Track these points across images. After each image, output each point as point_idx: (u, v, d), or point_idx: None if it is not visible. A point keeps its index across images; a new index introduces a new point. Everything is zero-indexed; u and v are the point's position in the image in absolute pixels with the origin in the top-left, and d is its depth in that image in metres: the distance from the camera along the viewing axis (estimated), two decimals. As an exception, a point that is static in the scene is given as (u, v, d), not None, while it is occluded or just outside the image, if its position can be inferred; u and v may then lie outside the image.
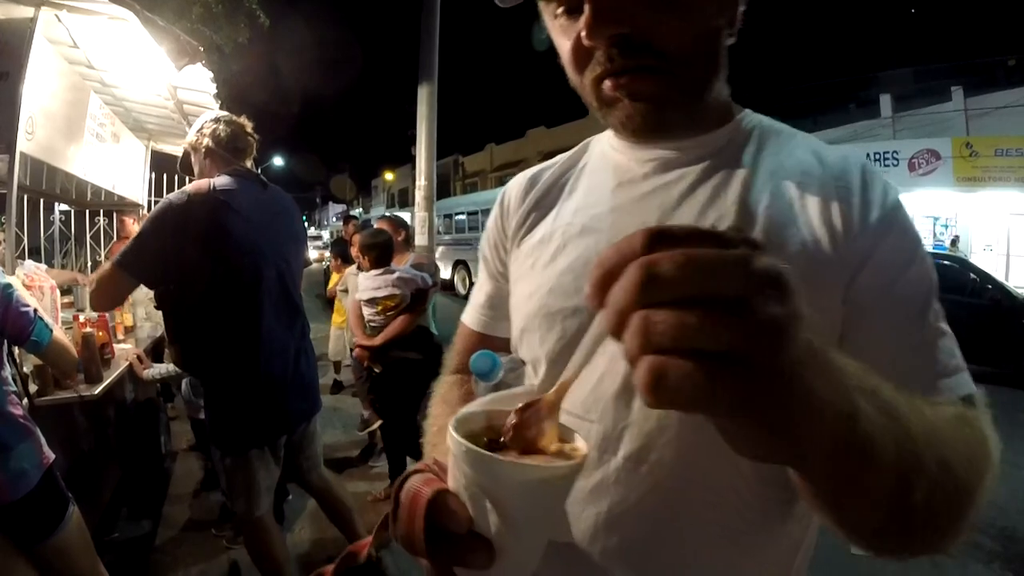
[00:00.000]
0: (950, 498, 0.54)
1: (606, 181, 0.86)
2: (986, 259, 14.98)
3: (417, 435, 0.96)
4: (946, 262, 9.73)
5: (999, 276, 9.35)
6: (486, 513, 0.51)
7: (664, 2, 0.68)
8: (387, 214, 7.96)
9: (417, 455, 3.80)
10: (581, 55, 0.73)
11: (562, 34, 0.75)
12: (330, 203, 72.49)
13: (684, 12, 0.69)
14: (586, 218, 0.84)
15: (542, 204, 0.93)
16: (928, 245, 12.08)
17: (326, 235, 45.09)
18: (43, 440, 2.13)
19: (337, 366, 7.08)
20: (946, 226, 17.51)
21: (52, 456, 2.15)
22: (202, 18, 8.90)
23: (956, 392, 0.68)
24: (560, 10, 0.74)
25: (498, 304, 0.98)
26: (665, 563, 0.74)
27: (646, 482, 0.73)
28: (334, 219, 64.53)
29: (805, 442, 0.41)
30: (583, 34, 0.69)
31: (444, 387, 0.99)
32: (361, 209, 57.98)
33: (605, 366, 0.75)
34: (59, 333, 2.19)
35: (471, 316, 1.03)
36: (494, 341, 0.99)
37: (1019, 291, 9.44)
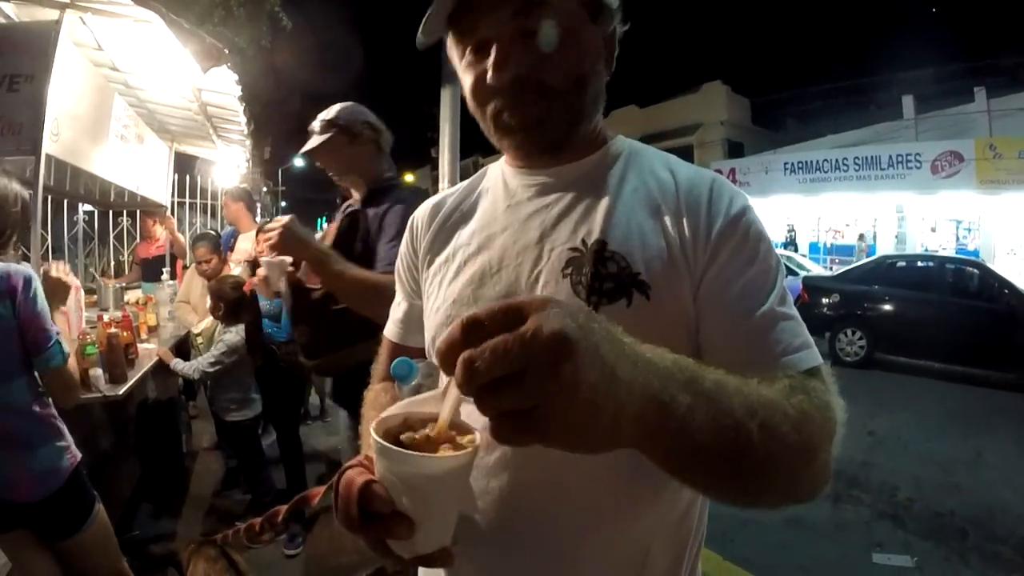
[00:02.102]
0: (782, 454, 0.66)
1: (498, 204, 0.99)
2: (1010, 263, 14.70)
3: None
4: (967, 267, 9.68)
5: (1022, 281, 9.14)
6: (400, 495, 0.65)
7: (548, 51, 0.84)
8: None
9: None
10: (484, 91, 0.89)
11: (468, 70, 0.90)
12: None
13: (570, 56, 0.86)
14: (481, 239, 0.97)
15: (445, 227, 1.05)
16: (951, 250, 12.02)
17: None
18: (71, 440, 2.16)
19: None
20: (969, 230, 17.25)
21: (79, 456, 2.17)
22: (224, 20, 8.95)
23: (797, 367, 0.78)
24: (469, 50, 0.89)
25: (411, 318, 1.11)
26: (561, 525, 0.85)
27: (535, 459, 0.82)
28: (353, 220, 64.58)
29: (624, 438, 0.56)
30: (488, 75, 0.85)
31: (372, 394, 1.10)
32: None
33: None
34: (72, 364, 2.15)
35: (390, 330, 1.16)
36: (410, 350, 1.09)
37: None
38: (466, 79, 0.92)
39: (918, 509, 4.56)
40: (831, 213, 20.33)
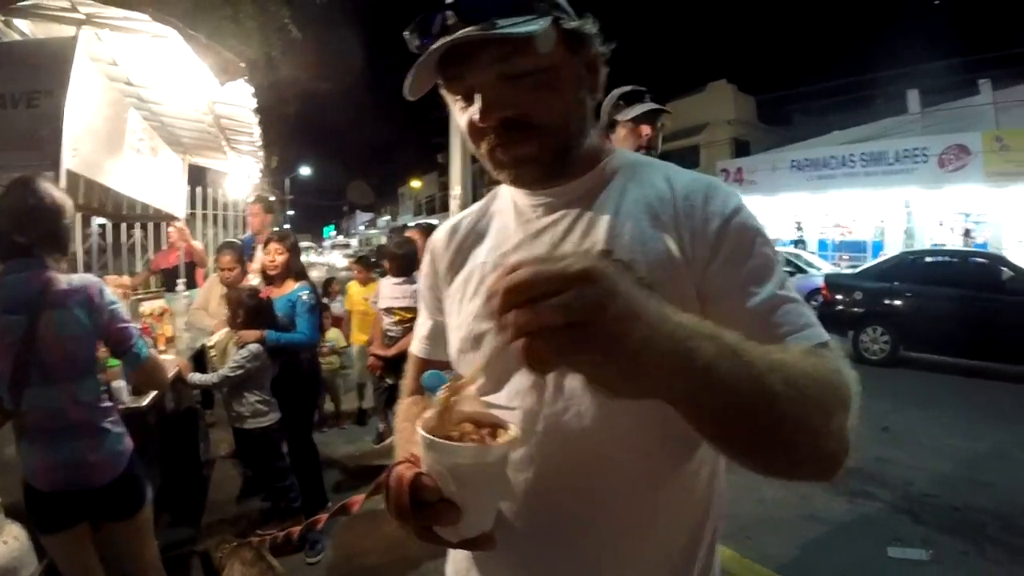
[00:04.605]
0: (805, 409, 0.70)
1: (510, 223, 1.07)
2: (1019, 255, 14.68)
3: None
4: (989, 261, 9.65)
5: None
6: (448, 484, 0.72)
7: (536, 88, 0.91)
8: (419, 223, 7.86)
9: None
10: (476, 132, 0.95)
11: (462, 113, 0.96)
12: (357, 211, 72.83)
13: (552, 93, 0.92)
14: (496, 256, 1.05)
15: (463, 248, 1.13)
16: (959, 243, 11.89)
17: (354, 243, 45.10)
18: (125, 428, 2.37)
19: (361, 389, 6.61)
20: (977, 223, 17.17)
21: (132, 443, 2.38)
22: (236, 34, 9.03)
23: (806, 342, 0.85)
24: (459, 98, 0.96)
25: (437, 335, 1.18)
26: (588, 511, 0.93)
27: (563, 449, 0.92)
28: (362, 227, 64.61)
29: (654, 376, 0.60)
30: (476, 118, 0.92)
31: (404, 407, 1.17)
32: (389, 216, 58.19)
33: None
34: (153, 351, 2.41)
35: (417, 347, 1.24)
36: (436, 365, 1.15)
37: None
38: (460, 121, 0.98)
39: (936, 504, 4.56)
40: (839, 210, 20.29)
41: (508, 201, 1.10)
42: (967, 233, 16.75)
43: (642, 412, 0.78)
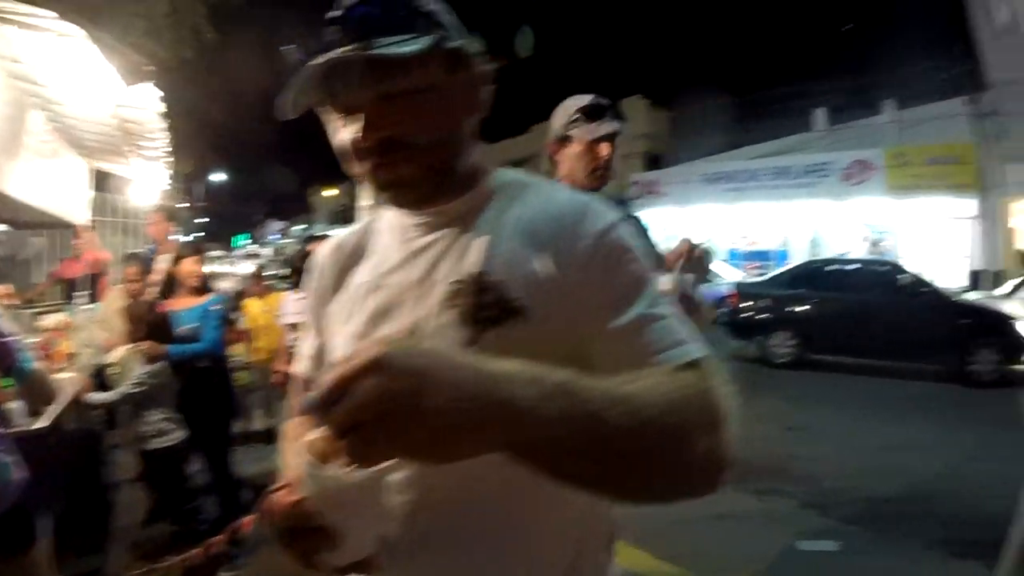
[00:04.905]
0: (652, 438, 0.70)
1: (391, 242, 1.06)
2: (919, 263, 15.69)
3: None
4: (878, 267, 10.59)
5: (933, 280, 10.10)
6: (328, 509, 0.73)
7: (415, 108, 0.90)
8: (324, 234, 7.63)
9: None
10: (356, 152, 0.93)
11: (339, 132, 0.95)
12: (271, 220, 70.94)
13: (432, 113, 0.92)
14: (377, 276, 1.03)
15: (346, 266, 1.12)
16: (863, 252, 12.81)
17: (267, 252, 43.60)
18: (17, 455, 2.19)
19: None
20: (880, 233, 18.21)
21: (23, 472, 2.19)
22: (147, 32, 8.68)
23: (675, 361, 0.83)
24: (337, 115, 0.95)
25: (321, 355, 1.16)
26: (468, 531, 0.93)
27: (440, 470, 0.87)
28: (274, 236, 62.90)
29: (469, 438, 0.63)
30: (359, 137, 0.90)
31: (290, 427, 1.15)
32: (305, 225, 56.92)
33: None
34: (38, 364, 2.27)
35: (301, 366, 1.21)
36: None
37: (952, 292, 10.31)
38: (338, 140, 0.97)
39: (843, 497, 4.78)
40: (748, 221, 21.06)
41: (392, 219, 1.08)
42: (875, 243, 17.71)
43: None
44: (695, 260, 2.45)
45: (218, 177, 40.40)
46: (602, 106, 2.47)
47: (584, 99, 2.46)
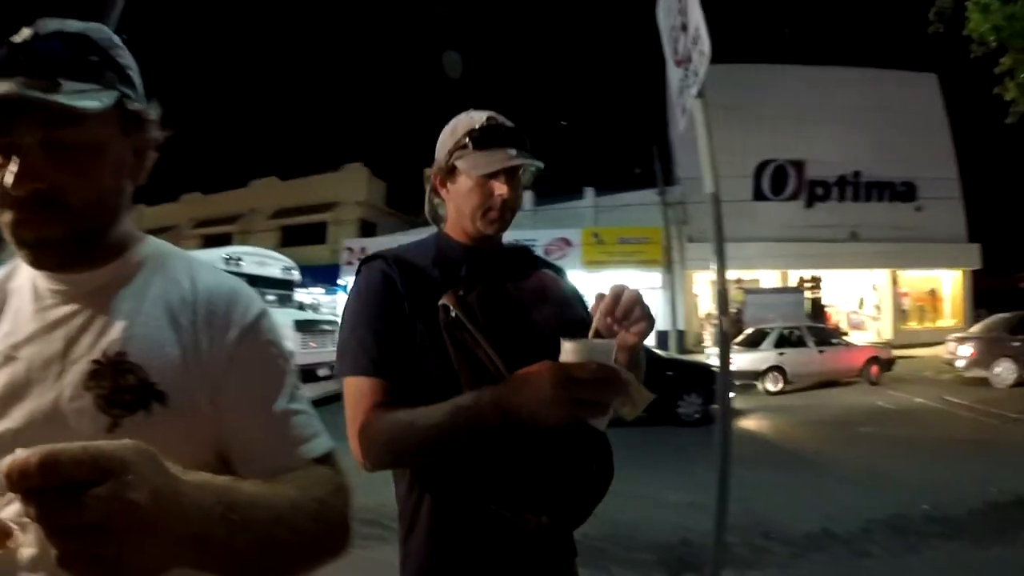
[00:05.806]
0: (309, 543, 0.78)
1: (26, 307, 0.91)
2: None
3: None
4: None
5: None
6: None
7: (78, 165, 0.83)
8: None
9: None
10: (2, 197, 0.82)
11: None
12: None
13: (89, 175, 0.85)
14: (7, 347, 0.88)
15: None
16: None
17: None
18: None
19: None
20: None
21: None
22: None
23: (312, 454, 0.90)
24: None
25: None
26: None
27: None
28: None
29: (160, 559, 0.59)
30: (9, 185, 0.80)
31: None
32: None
33: None
34: None
35: None
36: None
37: (655, 350, 12.16)
38: None
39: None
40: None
41: (27, 280, 0.93)
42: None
43: None
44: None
45: None
46: (500, 129, 1.60)
47: (478, 117, 1.60)
